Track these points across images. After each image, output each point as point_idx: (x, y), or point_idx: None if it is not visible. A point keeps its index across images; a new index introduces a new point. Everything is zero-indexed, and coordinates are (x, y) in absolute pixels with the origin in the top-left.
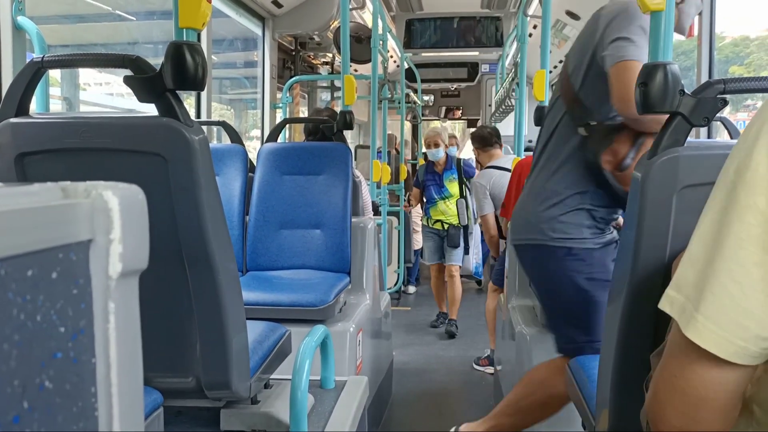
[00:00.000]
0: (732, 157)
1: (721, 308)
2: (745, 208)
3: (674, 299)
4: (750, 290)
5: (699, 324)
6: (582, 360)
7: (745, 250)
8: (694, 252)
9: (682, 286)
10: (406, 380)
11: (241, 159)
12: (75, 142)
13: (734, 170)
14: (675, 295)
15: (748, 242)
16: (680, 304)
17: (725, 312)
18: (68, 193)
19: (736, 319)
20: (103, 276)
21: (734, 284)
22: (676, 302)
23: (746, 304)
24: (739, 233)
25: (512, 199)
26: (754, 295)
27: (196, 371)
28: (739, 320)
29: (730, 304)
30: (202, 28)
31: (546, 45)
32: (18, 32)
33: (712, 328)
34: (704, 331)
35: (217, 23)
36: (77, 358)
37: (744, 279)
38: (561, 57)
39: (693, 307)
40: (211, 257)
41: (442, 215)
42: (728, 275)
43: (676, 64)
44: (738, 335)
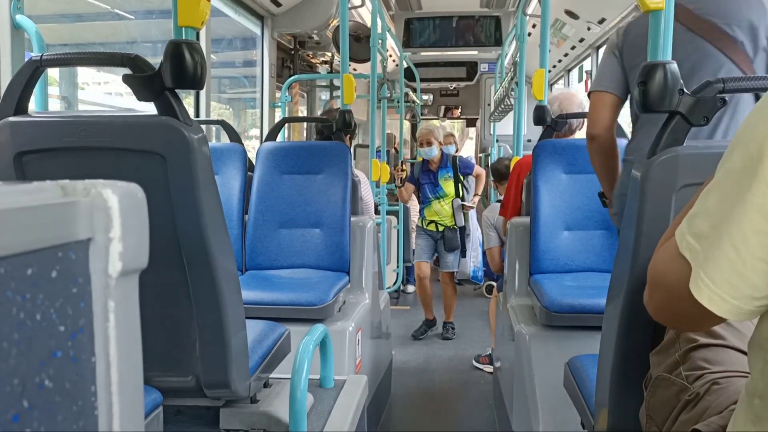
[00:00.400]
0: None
1: (718, 269)
2: (754, 177)
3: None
4: (746, 255)
5: (700, 281)
6: (581, 359)
7: (746, 217)
8: (711, 205)
9: (700, 237)
10: (405, 379)
11: (240, 158)
12: (74, 140)
13: (749, 137)
14: (695, 244)
15: (751, 210)
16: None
17: (721, 273)
18: (67, 192)
19: (730, 279)
20: (102, 275)
21: (732, 248)
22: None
23: (741, 268)
24: (745, 201)
25: (511, 198)
26: (749, 260)
27: (195, 370)
28: (732, 281)
29: (726, 267)
30: (201, 26)
31: (545, 44)
32: (17, 31)
33: (709, 284)
34: (702, 287)
35: (216, 22)
36: (77, 356)
37: (741, 245)
38: (560, 56)
39: (700, 262)
40: (211, 256)
41: (437, 216)
42: (729, 239)
43: (675, 64)
44: (730, 294)
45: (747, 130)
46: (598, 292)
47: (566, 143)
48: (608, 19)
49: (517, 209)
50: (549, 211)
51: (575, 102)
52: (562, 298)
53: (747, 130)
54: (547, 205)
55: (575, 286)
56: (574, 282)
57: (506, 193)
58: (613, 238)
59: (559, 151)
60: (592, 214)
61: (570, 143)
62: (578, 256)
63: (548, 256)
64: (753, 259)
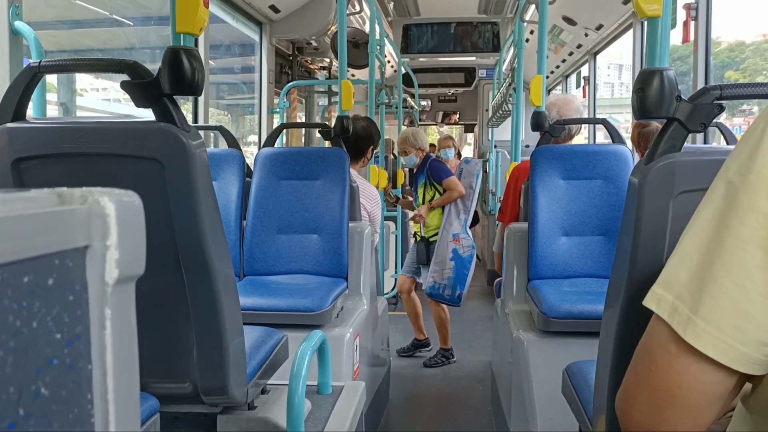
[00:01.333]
0: (732, 158)
1: (721, 312)
2: (748, 210)
3: (662, 297)
4: (753, 293)
5: (698, 328)
6: (579, 365)
7: (748, 253)
8: (686, 251)
9: (672, 285)
10: (403, 385)
11: (238, 164)
12: (72, 147)
13: (735, 171)
14: (663, 294)
15: (751, 245)
16: (670, 303)
17: (725, 315)
18: (64, 199)
19: (736, 322)
20: (99, 282)
21: (735, 287)
22: (665, 301)
23: (748, 308)
24: (740, 235)
25: (509, 204)
26: (757, 298)
27: (192, 377)
28: (740, 324)
29: (730, 308)
30: (199, 33)
31: (543, 50)
32: (15, 37)
33: (712, 331)
34: (704, 335)
35: (214, 29)
36: (73, 364)
37: (746, 282)
38: (558, 62)
39: (690, 310)
40: (209, 262)
41: (416, 226)
42: (729, 278)
43: (672, 70)
44: (738, 339)
45: (730, 168)
46: (596, 298)
47: (564, 149)
48: (605, 25)
49: (515, 215)
50: (547, 216)
51: (573, 107)
52: (560, 304)
53: (730, 167)
54: (545, 211)
55: (573, 291)
56: (572, 288)
57: (504, 199)
58: (610, 243)
59: (557, 156)
60: (589, 219)
61: (568, 149)
62: (576, 262)
63: (546, 262)
64: (761, 297)
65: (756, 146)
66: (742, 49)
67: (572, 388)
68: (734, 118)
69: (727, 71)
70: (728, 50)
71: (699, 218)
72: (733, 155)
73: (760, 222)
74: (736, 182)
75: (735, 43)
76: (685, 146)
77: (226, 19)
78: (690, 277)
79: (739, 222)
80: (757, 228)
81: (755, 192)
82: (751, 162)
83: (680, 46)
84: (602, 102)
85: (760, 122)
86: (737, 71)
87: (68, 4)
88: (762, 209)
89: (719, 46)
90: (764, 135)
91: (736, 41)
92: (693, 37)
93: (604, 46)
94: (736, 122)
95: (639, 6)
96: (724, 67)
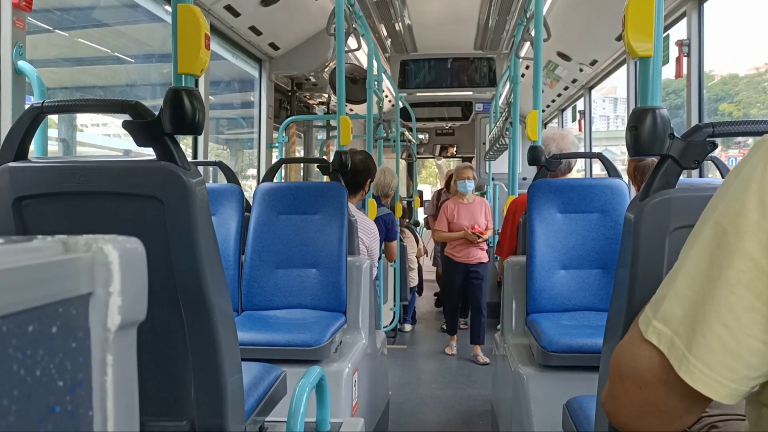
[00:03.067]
0: (719, 197)
1: (712, 351)
2: (735, 253)
3: (662, 333)
4: (740, 334)
5: (691, 365)
6: (579, 400)
7: (735, 295)
8: (680, 288)
9: (670, 320)
10: (402, 420)
11: (237, 199)
12: (73, 185)
13: (722, 213)
14: (663, 329)
15: (738, 287)
16: (668, 338)
17: (715, 354)
18: (69, 248)
19: (726, 361)
20: (101, 329)
21: (724, 328)
22: (664, 336)
23: (735, 348)
24: (728, 278)
25: (507, 238)
26: (744, 339)
27: (190, 414)
28: (728, 363)
29: (720, 347)
30: (200, 74)
31: (538, 86)
32: (18, 76)
33: (703, 369)
34: (695, 372)
35: (214, 65)
36: (74, 411)
37: (734, 323)
38: (553, 96)
39: (684, 347)
40: (207, 299)
41: None
42: (718, 319)
43: (665, 109)
44: (727, 377)
45: (717, 208)
46: (595, 332)
47: (561, 183)
48: (600, 60)
49: (513, 248)
50: (545, 250)
51: (569, 140)
52: (559, 338)
53: (717, 207)
54: (542, 244)
55: (572, 325)
56: (571, 321)
57: (502, 232)
58: (609, 277)
59: (554, 190)
60: (587, 253)
61: (565, 183)
62: (574, 295)
63: (545, 295)
64: (747, 338)
65: (743, 189)
66: (736, 82)
67: (573, 424)
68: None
69: (721, 104)
70: (722, 83)
71: (690, 256)
72: (720, 194)
73: (747, 265)
74: (724, 225)
75: (728, 76)
76: (680, 181)
77: (226, 56)
78: (684, 315)
79: (728, 264)
80: (745, 271)
81: (743, 236)
82: (738, 205)
83: (674, 80)
84: (598, 135)
85: (746, 164)
86: (731, 104)
87: (71, 42)
88: (749, 253)
89: (713, 80)
90: (751, 178)
91: (729, 74)
92: (686, 72)
93: (598, 81)
94: (732, 154)
95: (630, 46)
96: (717, 100)
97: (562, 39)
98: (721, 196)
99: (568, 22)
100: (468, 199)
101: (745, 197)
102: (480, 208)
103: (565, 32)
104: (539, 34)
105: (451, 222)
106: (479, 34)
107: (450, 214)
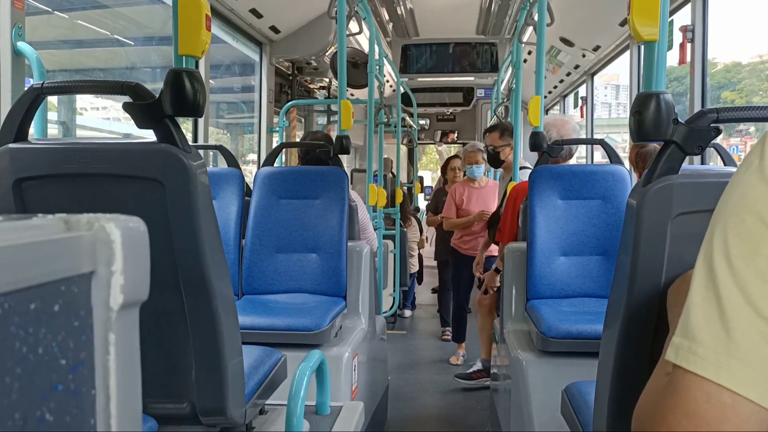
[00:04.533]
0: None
1: (755, 348)
2: (759, 239)
3: (680, 346)
4: None
5: (734, 369)
6: (578, 385)
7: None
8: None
9: (689, 331)
10: (401, 405)
11: (237, 183)
12: (73, 167)
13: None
14: (680, 341)
15: None
16: (686, 348)
17: (759, 352)
18: (71, 226)
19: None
20: (104, 308)
21: (762, 320)
22: (682, 348)
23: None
24: (757, 265)
25: (508, 224)
26: None
27: (191, 397)
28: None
29: (762, 342)
30: (201, 56)
31: (541, 71)
32: (17, 57)
33: (748, 371)
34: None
35: (214, 48)
36: (77, 390)
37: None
38: (555, 82)
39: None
40: (208, 282)
41: None
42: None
43: (669, 94)
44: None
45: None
46: (595, 318)
47: (562, 169)
48: (603, 46)
49: (513, 234)
50: (545, 236)
51: (570, 126)
52: (559, 324)
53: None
54: (543, 231)
55: (572, 311)
56: (571, 307)
57: (503, 219)
58: (609, 263)
59: (555, 176)
60: (588, 239)
61: (566, 169)
62: (575, 282)
63: (545, 282)
64: None
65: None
66: (739, 69)
67: (571, 409)
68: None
69: (724, 92)
70: (724, 71)
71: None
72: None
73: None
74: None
75: (731, 64)
76: (682, 168)
77: (226, 39)
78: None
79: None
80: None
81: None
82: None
83: (677, 67)
84: (599, 122)
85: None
86: (734, 92)
87: (70, 24)
88: None
89: (715, 67)
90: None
91: (732, 62)
92: (689, 59)
93: (601, 67)
94: (733, 142)
95: (635, 30)
96: (720, 87)
97: (565, 24)
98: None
99: (572, 7)
100: (480, 182)
101: (764, 183)
102: (493, 194)
103: (568, 17)
104: (542, 19)
105: (459, 207)
106: (481, 18)
107: (459, 199)
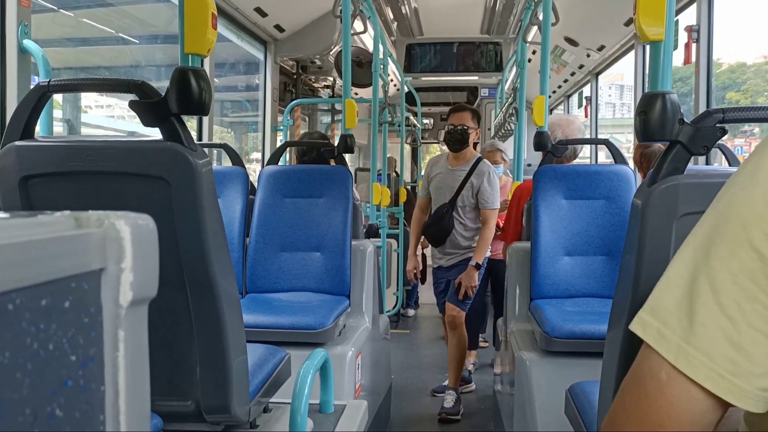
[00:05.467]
0: (727, 188)
1: (712, 342)
2: (738, 243)
3: (648, 323)
4: (742, 325)
5: (690, 356)
6: (582, 385)
7: (737, 286)
8: (673, 278)
9: (658, 312)
10: (404, 404)
11: (242, 181)
12: (79, 165)
13: (726, 203)
14: (649, 320)
15: (741, 277)
16: (655, 329)
17: (716, 346)
18: (81, 223)
19: (727, 353)
20: (113, 304)
21: (726, 318)
22: (650, 327)
23: (737, 339)
24: (731, 268)
25: (511, 224)
26: (746, 330)
27: (195, 395)
28: (730, 355)
29: (721, 338)
30: (207, 54)
31: (545, 71)
32: (23, 55)
33: (705, 360)
34: (696, 363)
35: (219, 47)
36: (87, 386)
37: (736, 314)
38: (560, 82)
39: (680, 338)
40: (213, 280)
41: None
42: (720, 309)
43: (675, 94)
44: (729, 370)
45: (722, 199)
46: (598, 318)
47: (566, 169)
48: (607, 46)
49: (517, 234)
50: (549, 236)
51: (575, 127)
52: (562, 324)
53: (722, 198)
54: (547, 230)
55: (576, 311)
56: (575, 307)
57: (506, 218)
58: (613, 263)
59: (559, 176)
60: (592, 239)
61: (570, 169)
62: (579, 282)
63: (549, 281)
64: (750, 329)
65: (750, 180)
66: (743, 70)
67: (575, 409)
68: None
69: (729, 92)
70: (729, 71)
71: (687, 247)
72: (727, 186)
73: (750, 255)
74: (726, 214)
75: (736, 65)
76: (687, 168)
77: (231, 38)
78: (678, 305)
79: (731, 254)
80: (748, 261)
81: (747, 226)
82: (744, 195)
83: (681, 67)
84: (604, 122)
85: (754, 156)
86: (738, 92)
87: (76, 22)
88: (753, 243)
89: (720, 68)
90: (757, 169)
91: (737, 62)
92: (694, 59)
93: (605, 67)
94: (738, 143)
95: (641, 30)
96: (725, 88)
97: (570, 23)
98: (728, 187)
99: (576, 6)
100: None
101: (753, 188)
102: (505, 192)
103: (572, 16)
104: (547, 18)
105: None
106: (486, 17)
107: None
